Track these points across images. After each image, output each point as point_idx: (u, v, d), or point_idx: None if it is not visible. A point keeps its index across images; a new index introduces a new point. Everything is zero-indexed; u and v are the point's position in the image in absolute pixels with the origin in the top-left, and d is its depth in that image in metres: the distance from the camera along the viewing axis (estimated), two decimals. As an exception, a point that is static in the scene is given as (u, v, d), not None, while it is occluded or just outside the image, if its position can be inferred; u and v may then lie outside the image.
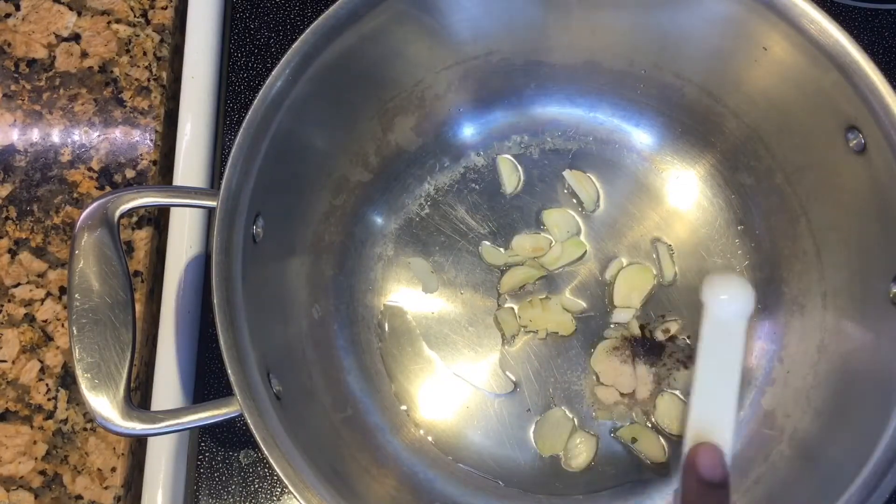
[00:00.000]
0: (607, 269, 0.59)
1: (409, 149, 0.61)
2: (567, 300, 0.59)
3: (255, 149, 0.48)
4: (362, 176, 0.59)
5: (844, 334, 0.52)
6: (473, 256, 0.60)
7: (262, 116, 0.48)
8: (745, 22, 0.51)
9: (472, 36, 0.57)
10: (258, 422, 0.44)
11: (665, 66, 0.57)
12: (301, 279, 0.56)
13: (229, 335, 0.45)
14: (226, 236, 0.46)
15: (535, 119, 0.62)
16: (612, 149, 0.62)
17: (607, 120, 0.62)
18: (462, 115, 0.61)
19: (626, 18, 0.55)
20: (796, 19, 0.48)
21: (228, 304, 0.45)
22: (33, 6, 0.63)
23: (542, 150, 0.62)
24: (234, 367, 0.44)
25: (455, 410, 0.57)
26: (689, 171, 0.61)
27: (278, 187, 0.51)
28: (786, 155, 0.55)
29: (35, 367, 0.56)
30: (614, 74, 0.59)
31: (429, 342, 0.59)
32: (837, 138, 0.50)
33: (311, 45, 0.49)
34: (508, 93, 0.61)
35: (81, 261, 0.46)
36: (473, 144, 0.62)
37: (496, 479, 0.56)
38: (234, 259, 0.47)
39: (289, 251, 0.55)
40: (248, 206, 0.48)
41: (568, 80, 0.60)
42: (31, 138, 0.60)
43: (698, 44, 0.55)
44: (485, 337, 0.59)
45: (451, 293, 0.59)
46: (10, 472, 0.54)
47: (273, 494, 0.56)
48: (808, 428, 0.52)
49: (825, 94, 0.50)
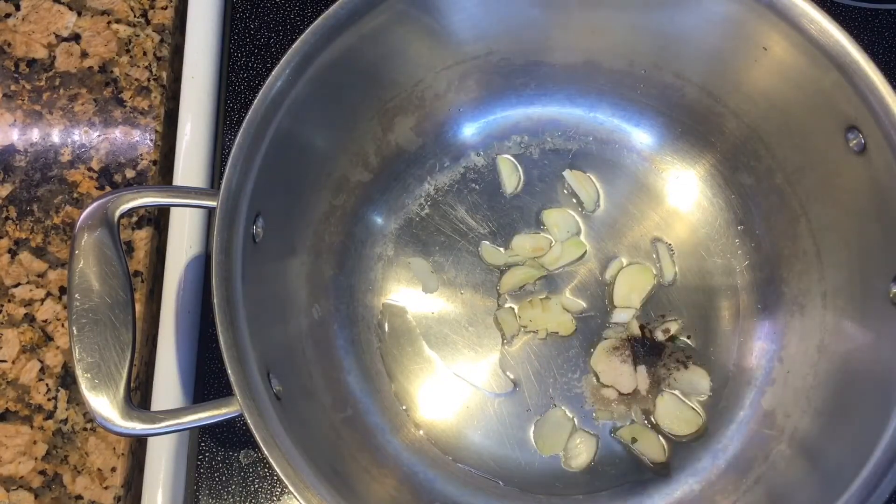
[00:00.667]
0: (607, 269, 0.59)
1: (409, 149, 0.61)
2: (567, 300, 0.59)
3: (255, 149, 0.48)
4: (362, 176, 0.59)
5: (844, 334, 0.52)
6: (473, 256, 0.60)
7: (262, 116, 0.48)
8: (745, 22, 0.51)
9: (472, 36, 0.56)
10: (258, 422, 0.44)
11: (665, 66, 0.57)
12: (301, 279, 0.56)
13: (229, 335, 0.45)
14: (226, 236, 0.46)
15: (535, 119, 0.62)
16: (612, 149, 0.62)
17: (607, 120, 0.62)
18: (462, 115, 0.61)
19: (626, 18, 0.55)
20: (796, 19, 0.48)
21: (228, 304, 0.45)
22: (33, 6, 0.63)
23: (542, 150, 0.62)
24: (234, 367, 0.44)
25: (455, 410, 0.57)
26: (689, 171, 0.61)
27: (278, 187, 0.51)
28: (786, 155, 0.55)
29: (35, 367, 0.56)
30: (614, 74, 0.59)
31: (429, 342, 0.59)
32: (837, 138, 0.50)
33: (311, 45, 0.49)
34: (508, 93, 0.61)
35: (81, 261, 0.46)
36: (473, 144, 0.62)
37: (496, 478, 0.56)
38: (234, 259, 0.47)
39: (289, 251, 0.55)
40: (248, 206, 0.48)
41: (568, 80, 0.60)
42: (31, 138, 0.60)
43: (698, 44, 0.55)
44: (485, 337, 0.59)
45: (451, 293, 0.59)
46: (10, 472, 0.54)
47: (273, 494, 0.56)
48: (808, 428, 0.52)
49: (825, 94, 0.50)
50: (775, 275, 0.57)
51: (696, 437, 0.56)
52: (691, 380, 0.57)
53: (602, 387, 0.57)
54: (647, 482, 0.55)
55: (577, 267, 0.60)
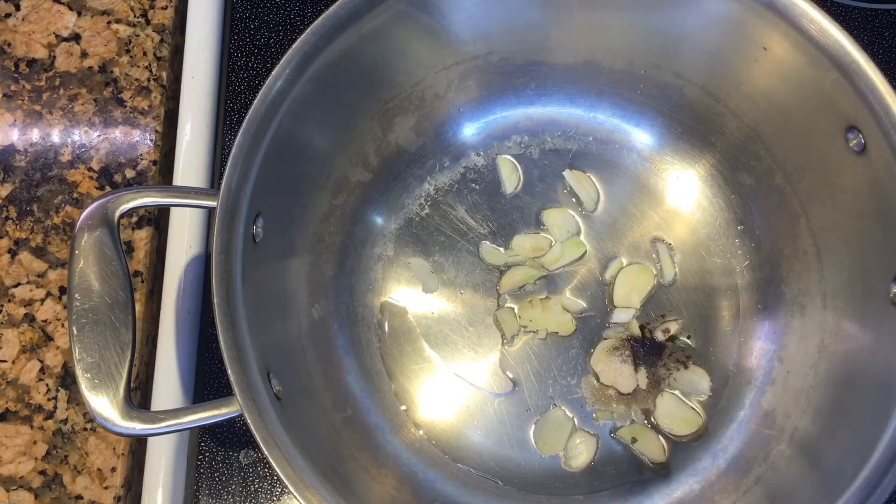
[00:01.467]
0: (607, 269, 0.59)
1: (409, 149, 0.61)
2: (567, 300, 0.59)
3: (255, 149, 0.48)
4: (362, 176, 0.59)
5: (844, 334, 0.52)
6: (473, 256, 0.60)
7: (262, 116, 0.48)
8: (745, 22, 0.51)
9: (472, 36, 0.57)
10: (258, 421, 0.44)
11: (665, 66, 0.57)
12: (301, 279, 0.56)
13: (229, 335, 0.45)
14: (226, 236, 0.46)
15: (535, 119, 0.62)
16: (612, 149, 0.62)
17: (607, 120, 0.62)
18: (462, 115, 0.61)
19: (627, 18, 0.55)
20: (796, 19, 0.48)
21: (228, 304, 0.45)
22: (33, 6, 0.63)
23: (542, 149, 0.62)
24: (234, 367, 0.44)
25: (455, 410, 0.57)
26: (689, 171, 0.61)
27: (278, 187, 0.51)
28: (786, 155, 0.55)
29: (35, 367, 0.56)
30: (614, 74, 0.59)
31: (429, 342, 0.59)
32: (837, 138, 0.50)
33: (311, 44, 0.49)
34: (508, 93, 0.61)
35: (81, 261, 0.46)
36: (473, 144, 0.62)
37: (495, 478, 0.56)
38: (234, 259, 0.47)
39: (289, 251, 0.55)
40: (248, 206, 0.48)
41: (568, 80, 0.60)
42: (31, 138, 0.60)
43: (698, 44, 0.55)
44: (485, 337, 0.59)
45: (451, 293, 0.59)
46: (10, 472, 0.54)
47: (273, 494, 0.56)
48: (808, 428, 0.52)
49: (825, 94, 0.50)
50: (775, 275, 0.57)
51: (696, 437, 0.56)
52: (691, 380, 0.57)
53: (602, 387, 0.57)
54: (647, 482, 0.55)
55: (577, 267, 0.60)
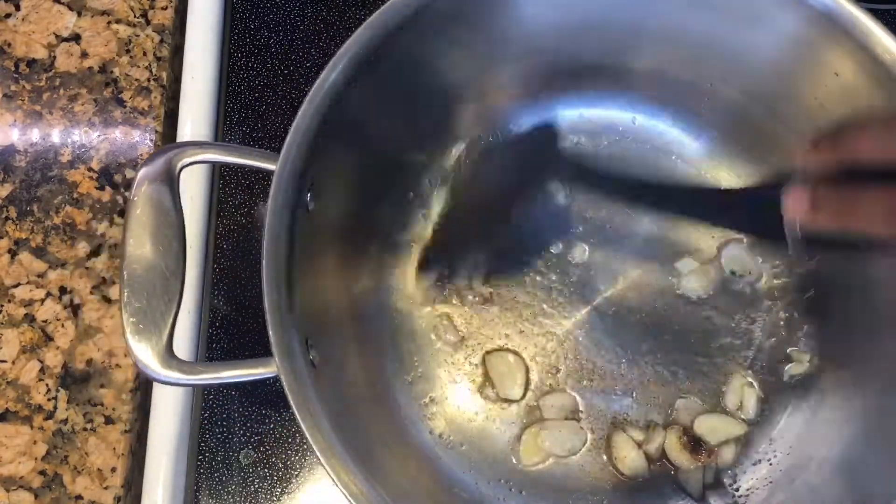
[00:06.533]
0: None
1: (465, 139, 0.60)
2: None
3: (317, 123, 0.47)
4: (418, 161, 0.59)
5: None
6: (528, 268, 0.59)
7: (324, 95, 0.47)
8: (818, 45, 0.49)
9: (540, 31, 0.55)
10: (293, 385, 0.44)
11: (732, 81, 0.56)
12: (347, 256, 0.56)
13: (274, 297, 0.45)
14: (280, 201, 0.46)
15: (593, 121, 0.61)
16: (669, 159, 0.61)
17: (667, 130, 0.60)
18: (522, 110, 0.60)
19: (700, 30, 0.53)
20: (872, 47, 0.47)
21: (276, 265, 0.45)
22: (33, 6, 0.63)
23: (598, 154, 0.61)
24: (275, 329, 0.44)
25: (486, 415, 0.57)
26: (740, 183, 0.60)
27: (334, 164, 0.51)
28: None
29: (35, 367, 0.56)
30: (680, 84, 0.58)
31: (467, 342, 0.58)
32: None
33: (371, 37, 0.48)
34: (570, 92, 0.60)
35: (139, 208, 0.46)
36: (530, 140, 0.61)
37: (511, 476, 0.56)
38: (285, 224, 0.46)
39: (338, 228, 0.54)
40: (305, 174, 0.47)
41: (633, 86, 0.59)
42: (31, 138, 0.60)
43: (768, 63, 0.53)
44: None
45: (506, 297, 0.59)
46: (10, 472, 0.54)
47: (273, 494, 0.56)
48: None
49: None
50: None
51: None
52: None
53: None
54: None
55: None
